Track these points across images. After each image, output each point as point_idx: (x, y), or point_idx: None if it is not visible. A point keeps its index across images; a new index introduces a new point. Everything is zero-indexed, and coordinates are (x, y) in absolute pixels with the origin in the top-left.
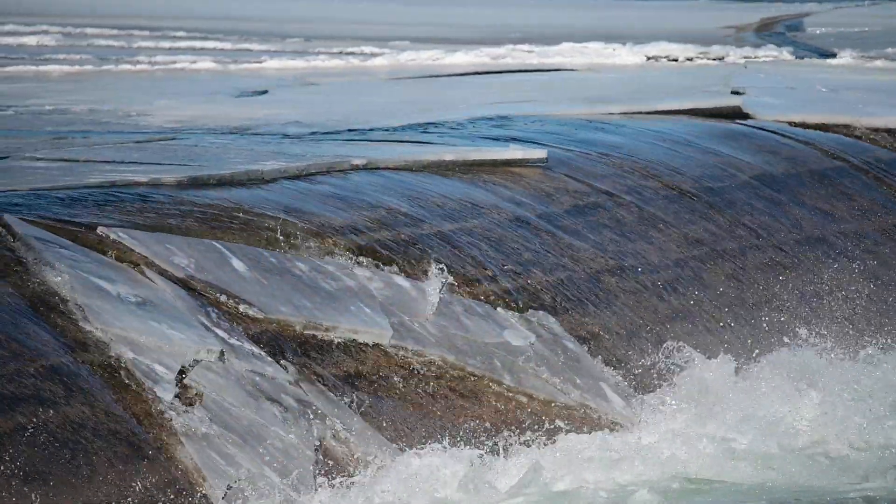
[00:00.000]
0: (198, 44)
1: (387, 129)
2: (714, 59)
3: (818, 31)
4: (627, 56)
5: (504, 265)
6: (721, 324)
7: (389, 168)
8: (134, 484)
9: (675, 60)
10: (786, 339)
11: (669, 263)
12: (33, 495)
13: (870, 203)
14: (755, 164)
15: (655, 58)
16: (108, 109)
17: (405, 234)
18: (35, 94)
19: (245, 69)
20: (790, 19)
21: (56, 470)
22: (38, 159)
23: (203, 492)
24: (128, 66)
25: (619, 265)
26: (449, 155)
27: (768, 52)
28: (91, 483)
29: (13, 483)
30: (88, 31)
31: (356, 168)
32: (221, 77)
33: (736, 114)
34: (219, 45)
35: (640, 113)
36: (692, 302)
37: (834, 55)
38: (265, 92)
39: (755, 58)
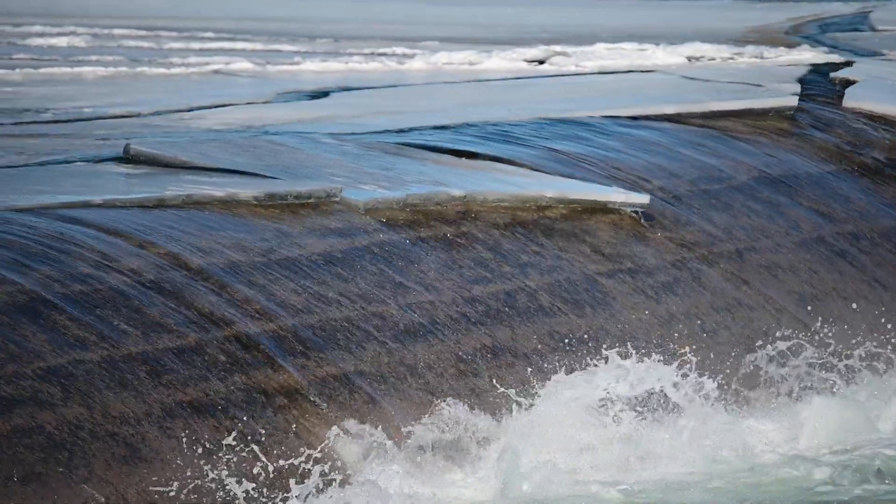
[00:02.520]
0: (227, 45)
1: (468, 138)
2: (759, 59)
3: (856, 32)
4: (666, 57)
5: None
6: None
7: (493, 207)
8: None
9: (713, 60)
10: None
11: None
12: None
13: None
14: None
15: (696, 58)
16: (159, 111)
17: None
18: (73, 96)
19: (284, 71)
20: (820, 20)
21: None
22: (129, 160)
23: None
24: (162, 70)
25: None
26: (549, 191)
27: (803, 53)
28: None
29: None
30: (116, 31)
31: (457, 204)
32: (262, 79)
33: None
34: (248, 45)
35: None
36: None
37: (883, 56)
38: (326, 94)
39: (793, 58)
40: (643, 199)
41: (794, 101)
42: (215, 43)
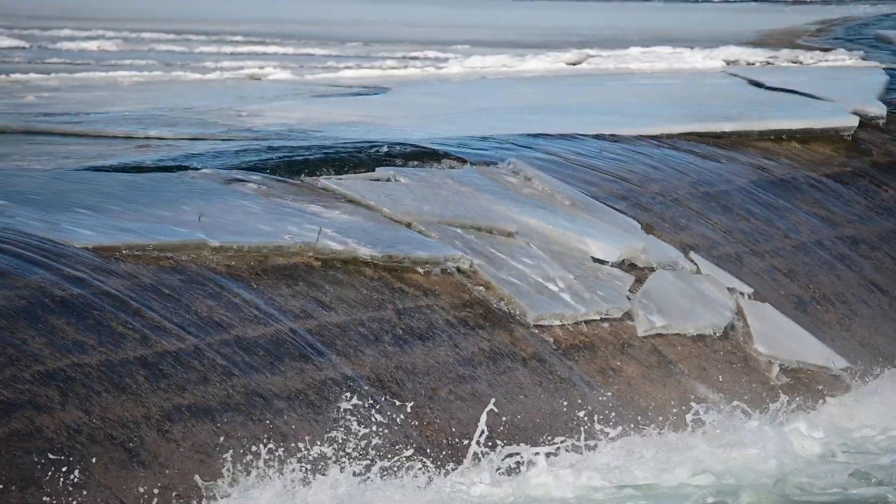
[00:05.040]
0: (258, 48)
1: (623, 199)
2: (797, 63)
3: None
4: (704, 60)
5: None
6: None
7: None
8: None
9: (752, 64)
10: None
11: None
12: None
13: None
14: None
15: (732, 62)
16: (215, 110)
17: None
18: (110, 101)
19: (322, 79)
20: (850, 22)
21: None
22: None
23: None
24: (197, 75)
25: None
26: (761, 347)
27: (838, 56)
28: None
29: None
30: (145, 35)
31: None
32: (301, 85)
33: None
34: (279, 49)
35: None
36: None
37: None
38: (386, 90)
39: (831, 60)
40: (841, 364)
41: None
42: (246, 47)
